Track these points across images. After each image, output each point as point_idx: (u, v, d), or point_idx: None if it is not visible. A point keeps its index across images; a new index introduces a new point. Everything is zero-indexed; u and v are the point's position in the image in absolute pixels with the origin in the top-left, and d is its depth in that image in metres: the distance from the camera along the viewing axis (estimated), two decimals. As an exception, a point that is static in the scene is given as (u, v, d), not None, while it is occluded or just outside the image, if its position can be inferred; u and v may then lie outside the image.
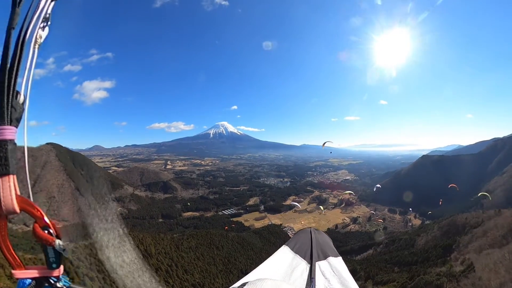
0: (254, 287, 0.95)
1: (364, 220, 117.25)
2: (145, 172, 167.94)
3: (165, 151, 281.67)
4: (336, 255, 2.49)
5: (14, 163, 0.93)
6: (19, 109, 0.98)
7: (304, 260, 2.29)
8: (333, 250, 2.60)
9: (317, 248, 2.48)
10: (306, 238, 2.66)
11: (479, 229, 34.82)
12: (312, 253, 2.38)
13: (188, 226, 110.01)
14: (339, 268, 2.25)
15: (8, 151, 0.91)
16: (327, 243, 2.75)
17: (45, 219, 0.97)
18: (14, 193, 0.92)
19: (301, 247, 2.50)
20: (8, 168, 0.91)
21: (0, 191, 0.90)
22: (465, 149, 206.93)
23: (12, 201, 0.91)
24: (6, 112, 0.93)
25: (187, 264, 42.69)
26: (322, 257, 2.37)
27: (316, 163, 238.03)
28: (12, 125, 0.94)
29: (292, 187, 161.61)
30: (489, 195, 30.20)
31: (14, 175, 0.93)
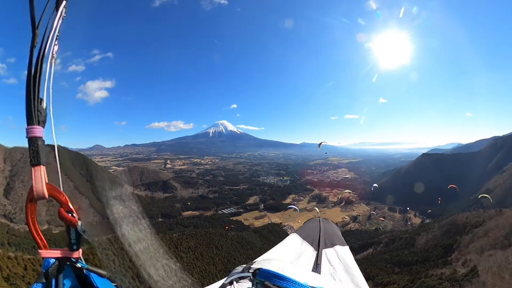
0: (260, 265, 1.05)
1: (364, 218, 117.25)
2: (145, 172, 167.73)
3: (164, 150, 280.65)
4: (343, 244, 2.53)
5: (44, 156, 1.12)
6: (44, 113, 1.17)
7: (311, 247, 2.35)
8: (341, 239, 2.62)
9: (325, 236, 2.52)
10: (315, 226, 2.70)
11: (480, 229, 34.41)
12: (320, 240, 2.43)
13: (188, 226, 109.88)
14: (345, 257, 2.30)
15: (39, 146, 1.11)
16: (335, 232, 2.80)
17: (69, 204, 1.16)
18: (44, 180, 1.10)
19: (309, 234, 2.55)
20: (39, 159, 1.10)
21: (33, 178, 1.08)
22: (465, 147, 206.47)
23: (42, 188, 1.09)
24: (34, 115, 1.13)
25: (185, 265, 42.48)
26: (329, 245, 2.42)
27: (316, 161, 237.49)
28: (40, 125, 1.14)
29: (292, 186, 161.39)
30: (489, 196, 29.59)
31: (44, 165, 1.11)
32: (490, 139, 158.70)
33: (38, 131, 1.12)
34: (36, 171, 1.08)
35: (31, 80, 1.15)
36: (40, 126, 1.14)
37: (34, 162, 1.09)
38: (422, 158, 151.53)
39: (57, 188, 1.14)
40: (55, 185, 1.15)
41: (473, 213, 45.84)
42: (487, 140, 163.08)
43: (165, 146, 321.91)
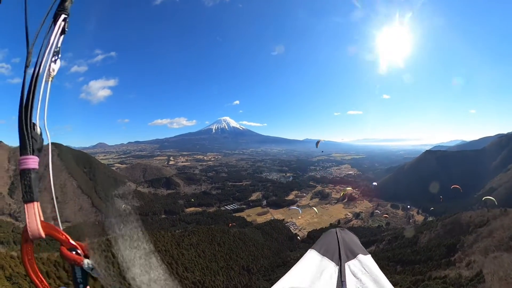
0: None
1: (367, 215, 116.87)
2: (148, 169, 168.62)
3: (167, 147, 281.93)
4: (365, 253, 2.36)
5: (38, 190, 1.02)
6: (39, 140, 1.09)
7: (332, 262, 2.23)
8: (362, 248, 2.47)
9: (345, 248, 2.38)
10: (333, 239, 2.53)
11: (484, 229, 33.74)
12: (340, 253, 2.29)
13: (191, 222, 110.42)
14: (370, 266, 2.19)
15: (32, 179, 1.02)
16: (354, 241, 2.63)
17: (70, 241, 1.04)
18: (39, 219, 1.00)
19: (328, 248, 2.38)
20: (32, 195, 1.00)
21: (26, 217, 0.99)
22: (468, 144, 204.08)
23: (37, 227, 0.98)
24: (28, 143, 1.05)
25: (187, 262, 42.59)
26: (351, 256, 2.28)
27: (319, 157, 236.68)
28: (34, 155, 1.05)
29: (295, 182, 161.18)
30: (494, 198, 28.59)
31: (38, 202, 1.01)
32: (494, 137, 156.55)
33: (32, 162, 1.04)
34: (29, 208, 0.99)
35: (23, 105, 1.06)
36: (34, 156, 1.05)
37: (26, 199, 1.00)
38: (425, 155, 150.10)
39: (54, 226, 1.03)
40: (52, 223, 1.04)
41: (477, 212, 44.98)
42: (491, 138, 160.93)
43: (168, 143, 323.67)
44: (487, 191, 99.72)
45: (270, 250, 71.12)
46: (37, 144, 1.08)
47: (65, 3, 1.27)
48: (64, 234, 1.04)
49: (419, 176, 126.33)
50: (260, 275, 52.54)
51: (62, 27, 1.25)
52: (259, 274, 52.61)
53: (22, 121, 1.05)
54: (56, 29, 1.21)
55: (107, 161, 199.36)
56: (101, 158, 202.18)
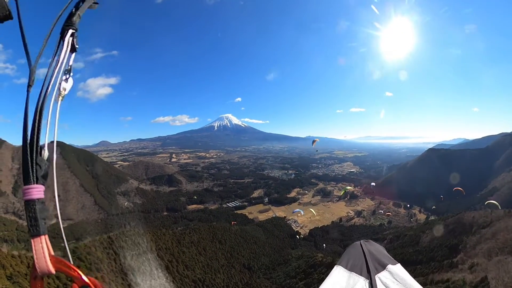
0: None
1: (369, 213, 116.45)
2: (150, 166, 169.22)
3: (170, 145, 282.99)
4: (394, 263, 2.27)
5: (44, 222, 0.94)
6: (44, 166, 0.99)
7: (361, 277, 2.13)
8: (390, 258, 2.35)
9: (372, 260, 2.27)
10: (358, 252, 2.40)
11: (487, 230, 33.15)
12: (369, 266, 2.19)
13: (193, 219, 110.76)
14: (401, 275, 2.11)
15: (37, 211, 0.93)
16: (381, 252, 2.48)
17: (83, 278, 0.95)
18: (48, 253, 0.91)
19: (354, 263, 2.28)
20: (38, 229, 0.91)
21: (33, 253, 0.90)
22: (471, 143, 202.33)
23: (46, 263, 0.90)
24: (31, 172, 0.95)
25: (188, 260, 42.70)
26: (381, 268, 2.19)
27: (321, 155, 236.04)
28: (38, 183, 0.96)
29: (297, 179, 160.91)
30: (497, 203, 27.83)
31: (46, 235, 0.93)
32: (498, 136, 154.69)
33: (36, 192, 0.94)
34: (36, 243, 0.90)
35: (27, 128, 0.97)
36: (39, 185, 0.96)
37: (33, 233, 0.91)
38: (428, 153, 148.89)
39: (65, 261, 0.93)
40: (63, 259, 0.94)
41: (480, 213, 44.39)
42: (494, 137, 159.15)
43: (170, 140, 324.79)
44: (490, 191, 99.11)
45: (272, 248, 71.19)
46: (41, 171, 0.98)
47: (72, 18, 1.21)
48: (76, 270, 0.94)
49: (422, 174, 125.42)
50: (261, 273, 52.66)
51: (72, 44, 1.18)
52: (260, 272, 52.73)
53: (26, 146, 0.97)
54: (65, 46, 1.14)
55: (110, 159, 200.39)
56: (103, 156, 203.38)
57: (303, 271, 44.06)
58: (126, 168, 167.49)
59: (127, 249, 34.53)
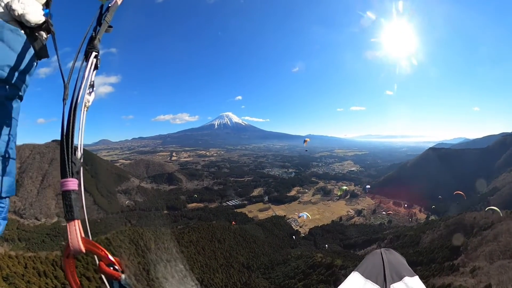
0: None
1: (369, 212, 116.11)
2: (151, 164, 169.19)
3: (170, 143, 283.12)
4: (412, 275, 2.25)
5: (78, 209, 1.13)
6: (78, 164, 1.22)
7: (376, 285, 2.12)
8: (409, 270, 2.33)
9: (390, 269, 2.25)
10: (377, 260, 2.37)
11: (489, 232, 32.69)
12: (386, 276, 2.17)
13: (193, 218, 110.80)
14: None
15: (72, 200, 1.14)
16: (401, 262, 2.43)
17: (109, 257, 1.10)
18: (80, 235, 1.08)
19: (372, 271, 2.27)
20: (73, 214, 1.11)
21: (68, 234, 1.07)
22: (472, 143, 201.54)
23: (78, 243, 1.06)
24: (68, 167, 1.17)
25: (186, 259, 42.48)
26: (397, 278, 2.16)
27: (321, 153, 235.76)
28: (73, 177, 1.18)
29: (297, 178, 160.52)
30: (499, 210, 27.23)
31: (79, 219, 1.11)
32: (498, 135, 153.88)
33: (72, 184, 1.15)
34: (70, 226, 1.08)
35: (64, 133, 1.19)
36: (74, 179, 1.17)
37: (69, 217, 1.10)
38: (428, 152, 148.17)
39: (94, 242, 1.11)
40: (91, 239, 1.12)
41: (481, 214, 43.96)
42: (495, 136, 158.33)
43: (170, 139, 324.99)
44: (491, 191, 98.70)
45: (271, 247, 71.00)
46: (76, 167, 1.20)
47: (93, 41, 1.47)
48: (104, 250, 1.10)
49: (422, 173, 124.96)
50: (260, 272, 52.50)
51: (95, 64, 1.44)
52: (258, 272, 52.57)
53: (63, 147, 1.18)
54: (89, 65, 1.39)
55: (111, 157, 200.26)
56: (104, 155, 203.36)
57: (302, 271, 43.86)
58: (127, 166, 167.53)
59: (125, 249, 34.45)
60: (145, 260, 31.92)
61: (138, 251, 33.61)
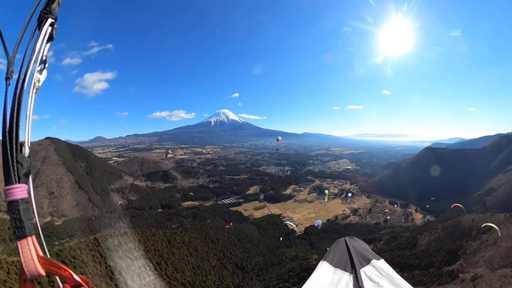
0: None
1: (365, 211, 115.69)
2: (145, 162, 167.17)
3: (166, 140, 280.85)
4: (378, 258, 2.37)
5: (30, 223, 0.88)
6: (26, 163, 0.94)
7: (346, 272, 2.23)
8: (373, 254, 2.48)
9: (357, 255, 2.37)
10: (343, 248, 2.53)
11: (488, 236, 31.86)
12: (354, 261, 2.28)
13: (187, 216, 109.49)
14: (385, 269, 2.22)
15: (21, 211, 0.88)
16: (365, 248, 2.58)
17: (74, 278, 0.90)
18: (36, 255, 0.87)
19: (339, 259, 2.38)
20: (24, 230, 0.87)
21: (21, 255, 0.85)
22: (468, 143, 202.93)
23: (35, 264, 0.86)
24: (12, 171, 0.90)
25: (177, 261, 41.21)
26: (365, 262, 2.28)
27: (318, 151, 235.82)
28: (21, 182, 0.91)
29: (293, 176, 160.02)
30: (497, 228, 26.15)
31: (32, 235, 0.88)
32: (494, 136, 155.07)
33: (19, 192, 0.89)
34: (23, 245, 0.85)
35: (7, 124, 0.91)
36: (21, 184, 0.90)
37: (18, 234, 0.86)
38: (425, 152, 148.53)
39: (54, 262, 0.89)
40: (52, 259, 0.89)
41: (479, 216, 43.33)
42: (491, 137, 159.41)
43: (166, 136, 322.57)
44: (487, 191, 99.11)
45: (266, 247, 69.94)
46: (23, 169, 0.92)
47: (51, 5, 1.12)
48: (67, 269, 0.90)
49: (418, 173, 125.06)
50: (254, 274, 51.43)
51: (50, 33, 1.10)
52: (252, 273, 51.49)
53: (6, 143, 0.90)
54: (42, 35, 1.06)
55: (105, 154, 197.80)
56: (98, 152, 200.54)
57: (297, 274, 42.84)
58: (121, 164, 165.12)
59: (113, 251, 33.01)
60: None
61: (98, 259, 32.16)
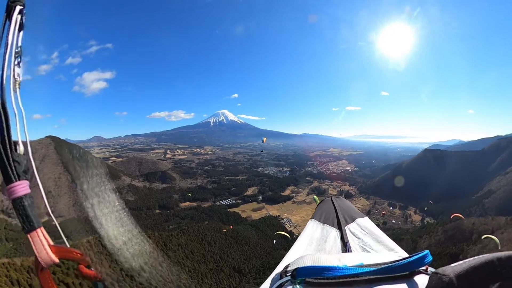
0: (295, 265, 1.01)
1: (364, 213, 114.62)
2: (143, 162, 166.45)
3: (165, 140, 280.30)
4: (362, 216, 2.57)
5: (37, 216, 0.91)
6: (23, 161, 0.94)
7: (333, 228, 2.40)
8: (358, 212, 2.68)
9: (343, 213, 2.56)
10: (330, 207, 2.73)
11: (490, 240, 31.42)
12: (339, 219, 2.47)
13: (185, 217, 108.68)
14: (368, 226, 2.37)
15: (27, 207, 0.90)
16: (350, 207, 2.78)
17: (88, 259, 0.97)
18: (47, 245, 0.90)
19: (327, 216, 2.58)
20: (32, 224, 0.89)
21: (33, 247, 0.88)
22: (467, 145, 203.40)
23: (48, 253, 0.89)
24: (11, 171, 0.90)
25: (173, 264, 40.51)
26: (350, 220, 2.46)
27: (316, 152, 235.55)
28: (21, 179, 0.91)
29: (292, 177, 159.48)
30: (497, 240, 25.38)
31: (41, 227, 0.91)
32: (493, 138, 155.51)
33: (21, 189, 0.90)
34: (33, 237, 0.89)
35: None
36: (22, 181, 0.91)
37: (27, 229, 0.89)
38: (424, 153, 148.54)
39: (66, 248, 0.93)
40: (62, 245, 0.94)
41: (480, 220, 42.87)
42: (490, 139, 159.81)
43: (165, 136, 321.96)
44: (486, 193, 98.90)
45: (264, 249, 69.24)
46: (21, 166, 0.92)
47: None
48: (78, 252, 0.95)
49: (418, 174, 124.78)
50: (251, 277, 50.68)
51: (20, 22, 1.00)
52: (249, 276, 50.75)
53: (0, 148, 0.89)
54: (12, 25, 0.97)
55: (103, 154, 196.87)
56: (96, 152, 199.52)
57: (294, 277, 41.95)
58: (118, 164, 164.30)
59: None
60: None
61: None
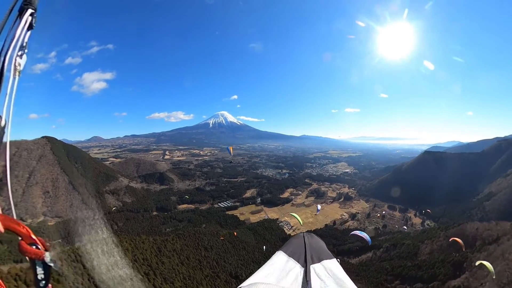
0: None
1: (363, 216, 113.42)
2: (142, 163, 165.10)
3: (164, 141, 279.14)
4: (331, 257, 2.57)
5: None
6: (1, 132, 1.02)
7: (298, 264, 2.39)
8: (327, 253, 2.67)
9: (311, 251, 2.56)
10: (300, 242, 2.72)
11: (495, 247, 30.08)
12: (306, 256, 2.46)
13: (182, 220, 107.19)
14: (334, 270, 2.36)
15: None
16: (320, 246, 2.76)
17: (32, 236, 0.96)
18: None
19: (294, 251, 2.57)
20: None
21: None
22: (466, 146, 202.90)
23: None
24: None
25: (167, 271, 39.02)
26: (316, 260, 2.46)
27: (316, 154, 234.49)
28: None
29: (290, 179, 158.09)
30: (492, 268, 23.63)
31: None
32: (493, 140, 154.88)
33: None
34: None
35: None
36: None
37: None
38: (424, 155, 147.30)
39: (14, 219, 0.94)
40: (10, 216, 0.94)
41: (484, 225, 41.47)
42: (490, 141, 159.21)
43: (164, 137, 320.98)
44: (486, 196, 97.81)
45: (262, 254, 67.84)
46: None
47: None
48: (25, 227, 0.95)
49: (418, 177, 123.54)
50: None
51: (30, 22, 1.21)
52: (247, 282, 49.37)
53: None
54: (22, 23, 1.18)
55: (101, 155, 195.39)
56: (95, 152, 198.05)
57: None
58: (117, 165, 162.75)
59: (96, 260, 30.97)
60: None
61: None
